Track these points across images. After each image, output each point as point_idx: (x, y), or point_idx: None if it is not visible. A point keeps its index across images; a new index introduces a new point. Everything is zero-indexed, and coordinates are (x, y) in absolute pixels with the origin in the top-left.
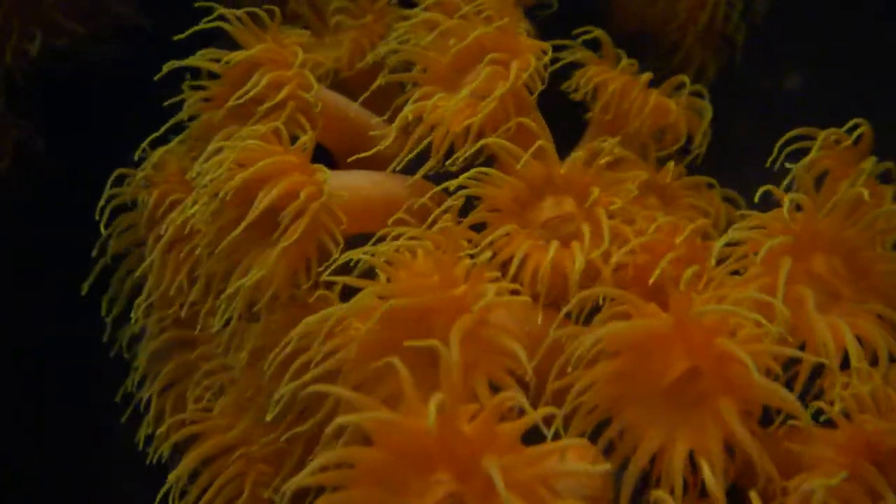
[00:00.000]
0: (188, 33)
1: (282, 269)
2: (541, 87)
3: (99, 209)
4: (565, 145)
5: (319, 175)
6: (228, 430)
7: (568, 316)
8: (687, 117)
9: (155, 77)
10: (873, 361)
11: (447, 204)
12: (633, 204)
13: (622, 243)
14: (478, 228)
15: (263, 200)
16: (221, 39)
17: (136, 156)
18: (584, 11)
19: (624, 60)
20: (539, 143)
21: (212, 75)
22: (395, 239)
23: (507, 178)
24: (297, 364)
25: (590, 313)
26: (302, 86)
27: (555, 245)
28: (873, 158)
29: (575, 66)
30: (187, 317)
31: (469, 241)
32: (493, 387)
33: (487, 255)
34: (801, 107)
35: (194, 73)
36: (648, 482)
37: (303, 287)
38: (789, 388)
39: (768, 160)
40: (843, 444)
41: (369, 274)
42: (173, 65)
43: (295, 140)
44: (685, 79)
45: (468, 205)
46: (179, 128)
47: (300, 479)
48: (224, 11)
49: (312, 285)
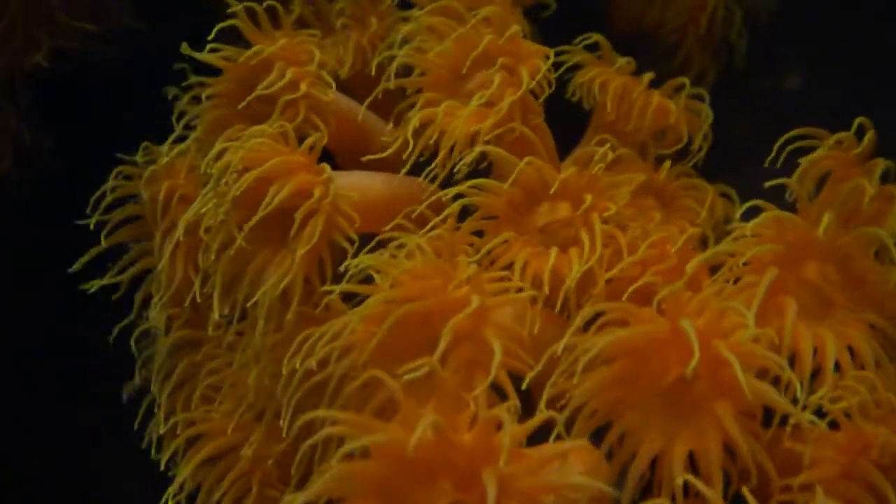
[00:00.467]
0: (216, 30)
1: (300, 270)
2: (549, 92)
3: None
4: (565, 146)
5: (326, 174)
6: (234, 431)
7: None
8: (687, 118)
9: (164, 75)
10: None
11: (447, 212)
12: (630, 206)
13: (616, 251)
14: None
15: (276, 198)
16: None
17: (140, 156)
18: (582, 12)
19: (622, 60)
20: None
21: (213, 73)
22: (395, 243)
23: (503, 186)
24: (301, 371)
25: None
26: (317, 85)
27: (555, 252)
28: (882, 161)
29: (574, 68)
30: (195, 316)
31: (470, 246)
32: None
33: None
34: (801, 107)
35: (195, 72)
36: (650, 487)
37: (318, 289)
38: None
39: (768, 160)
40: (843, 445)
41: (367, 278)
42: (187, 51)
43: (302, 140)
44: (685, 81)
45: (466, 208)
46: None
47: (302, 499)
48: (237, 9)
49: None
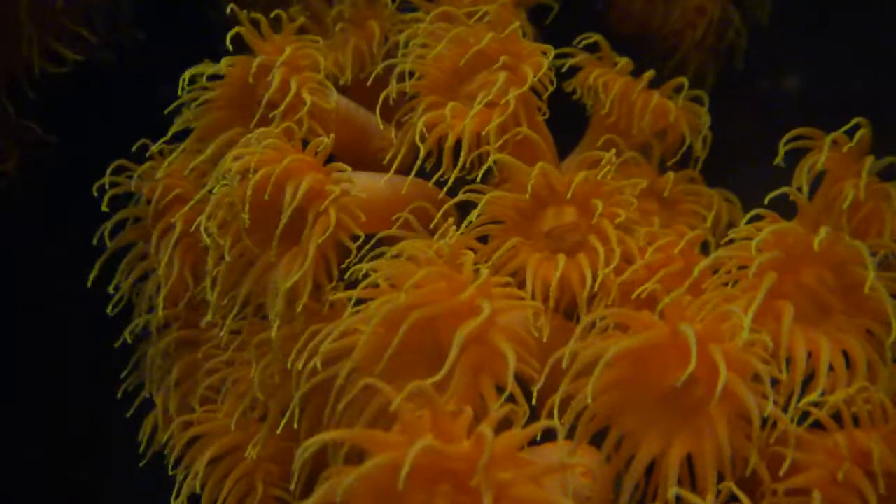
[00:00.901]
0: (232, 33)
1: (311, 267)
2: (551, 89)
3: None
4: (560, 145)
5: (337, 175)
6: (236, 430)
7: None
8: (687, 118)
9: (163, 78)
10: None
11: (448, 221)
12: (633, 210)
13: (628, 257)
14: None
15: (297, 195)
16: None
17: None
18: (581, 12)
19: (622, 61)
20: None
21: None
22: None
23: (506, 194)
24: (308, 370)
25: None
26: (318, 92)
27: (563, 260)
28: (872, 158)
29: (574, 69)
30: (193, 316)
31: (474, 251)
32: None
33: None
34: (799, 107)
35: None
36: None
37: (326, 287)
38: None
39: (768, 160)
40: (832, 449)
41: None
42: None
43: (304, 144)
44: (684, 81)
45: (466, 210)
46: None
47: None
48: (240, 14)
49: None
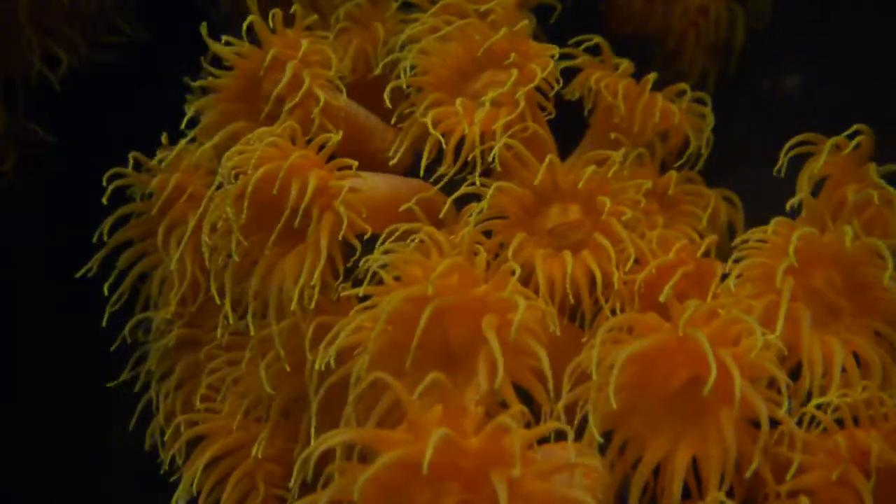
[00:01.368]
0: (247, 21)
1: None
2: (557, 88)
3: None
4: (560, 149)
5: (343, 172)
6: (237, 430)
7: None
8: (689, 121)
9: (166, 78)
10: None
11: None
12: (639, 210)
13: (637, 257)
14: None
15: (307, 193)
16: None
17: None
18: (581, 12)
19: (623, 63)
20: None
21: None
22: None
23: (514, 187)
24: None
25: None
26: (328, 89)
27: (570, 259)
28: (873, 165)
29: (574, 70)
30: (196, 316)
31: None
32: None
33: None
34: (800, 108)
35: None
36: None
37: (333, 284)
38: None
39: (769, 162)
40: (833, 450)
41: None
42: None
43: (308, 141)
44: (686, 87)
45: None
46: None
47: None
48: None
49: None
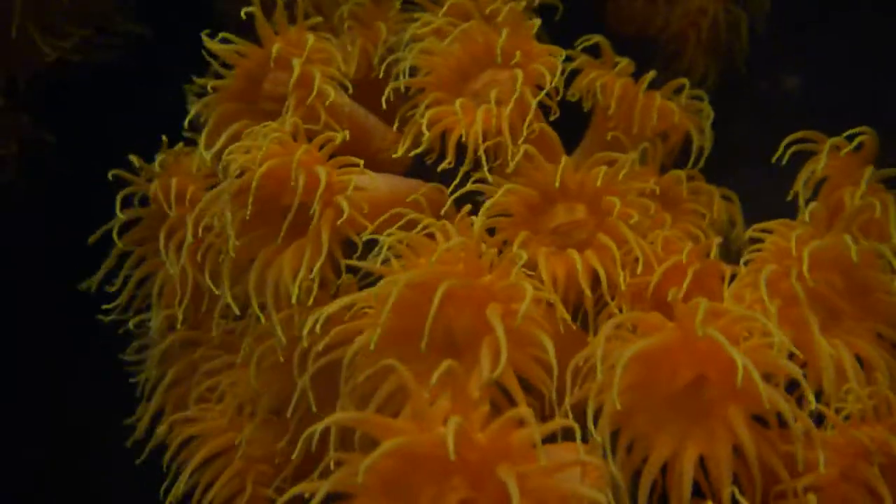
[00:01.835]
0: (245, 10)
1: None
2: (562, 91)
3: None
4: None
5: (347, 169)
6: (231, 430)
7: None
8: (689, 120)
9: (167, 77)
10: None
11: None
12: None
13: (642, 258)
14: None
15: (319, 189)
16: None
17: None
18: (581, 13)
19: (623, 62)
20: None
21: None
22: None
23: (521, 187)
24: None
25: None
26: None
27: (577, 256)
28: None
29: (574, 70)
30: (194, 317)
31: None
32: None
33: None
34: (799, 109)
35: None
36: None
37: (335, 281)
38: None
39: (768, 163)
40: (842, 447)
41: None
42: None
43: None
44: (685, 82)
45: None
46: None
47: (304, 486)
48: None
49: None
